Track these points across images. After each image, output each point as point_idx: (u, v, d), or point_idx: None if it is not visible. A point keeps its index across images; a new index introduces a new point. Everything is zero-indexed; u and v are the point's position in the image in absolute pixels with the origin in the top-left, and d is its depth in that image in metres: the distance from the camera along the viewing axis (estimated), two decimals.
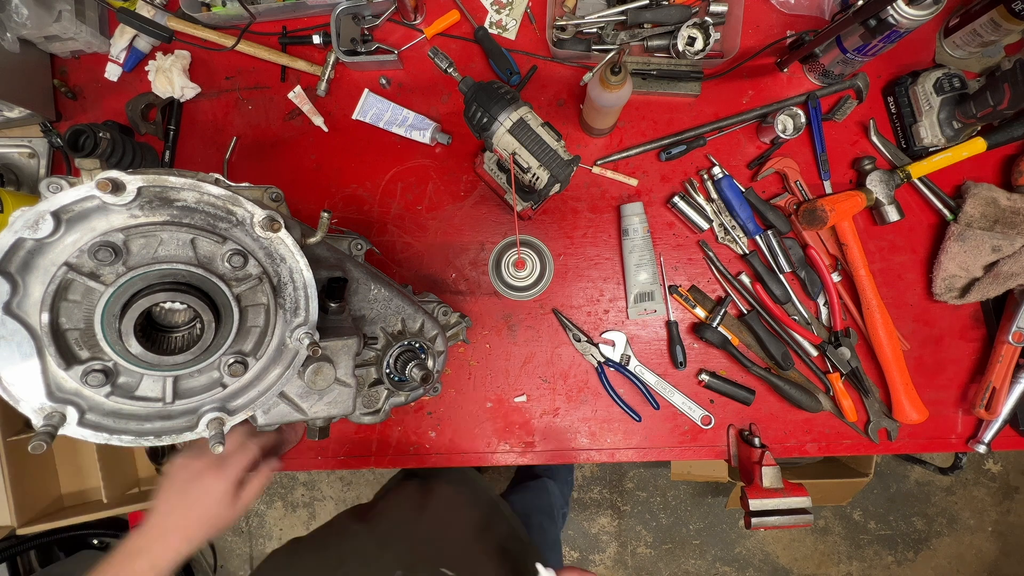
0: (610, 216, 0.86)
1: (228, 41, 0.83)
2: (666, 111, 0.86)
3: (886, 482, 1.96)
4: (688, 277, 0.86)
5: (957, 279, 0.82)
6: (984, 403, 0.82)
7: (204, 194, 0.42)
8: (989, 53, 0.82)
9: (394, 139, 0.86)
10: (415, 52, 0.86)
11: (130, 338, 0.39)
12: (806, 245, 0.83)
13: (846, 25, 0.69)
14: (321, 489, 2.01)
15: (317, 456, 0.87)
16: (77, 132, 0.69)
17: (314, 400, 0.53)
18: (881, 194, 0.81)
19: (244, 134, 0.87)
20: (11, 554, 1.67)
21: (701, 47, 0.79)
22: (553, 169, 0.64)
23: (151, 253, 0.41)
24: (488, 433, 0.86)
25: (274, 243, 0.45)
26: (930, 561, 1.96)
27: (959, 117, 0.79)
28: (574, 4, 0.83)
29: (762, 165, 0.84)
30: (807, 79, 0.85)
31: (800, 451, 0.86)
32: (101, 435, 0.42)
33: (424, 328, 0.66)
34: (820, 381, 0.85)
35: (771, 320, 0.84)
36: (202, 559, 1.97)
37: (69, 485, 1.63)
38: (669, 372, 0.86)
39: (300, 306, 0.47)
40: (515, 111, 0.63)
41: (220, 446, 0.44)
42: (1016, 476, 1.95)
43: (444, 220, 0.87)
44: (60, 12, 0.77)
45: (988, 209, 0.80)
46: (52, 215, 0.38)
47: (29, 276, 0.39)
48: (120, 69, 0.86)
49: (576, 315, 0.86)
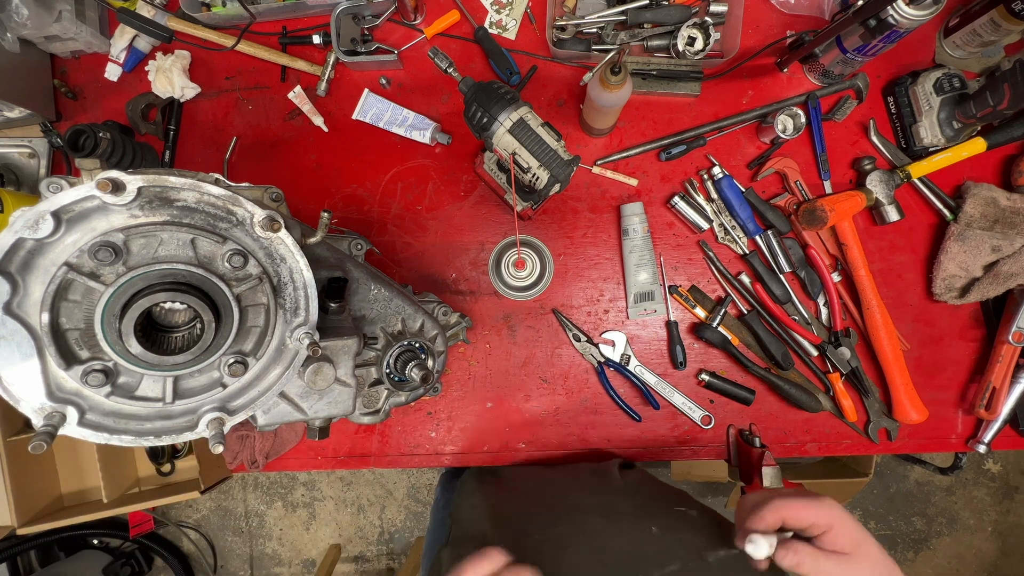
0: (610, 216, 0.86)
1: (228, 41, 0.83)
2: (666, 111, 0.86)
3: (886, 482, 1.96)
4: (688, 277, 0.86)
5: (957, 279, 0.82)
6: (984, 403, 0.82)
7: (204, 194, 0.42)
8: (989, 53, 0.82)
9: (394, 139, 0.86)
10: (415, 52, 0.86)
11: (130, 338, 0.39)
12: (806, 245, 0.83)
13: (846, 25, 0.69)
14: (321, 489, 2.01)
15: (317, 456, 0.87)
16: (77, 132, 0.69)
17: (314, 400, 0.53)
18: (881, 194, 0.81)
19: (244, 134, 0.87)
20: (11, 554, 1.68)
21: (701, 47, 0.79)
22: (553, 169, 0.64)
23: (151, 253, 0.41)
24: (488, 433, 0.86)
25: (274, 243, 0.45)
26: (930, 561, 1.96)
27: (959, 117, 0.79)
28: (574, 4, 0.83)
29: (762, 165, 0.84)
30: (807, 79, 0.85)
31: (800, 451, 0.86)
32: (101, 435, 0.42)
33: (424, 328, 0.66)
34: (820, 381, 0.85)
35: (771, 320, 0.84)
36: (202, 559, 1.97)
37: (69, 485, 1.63)
38: (669, 372, 0.86)
39: (300, 306, 0.47)
40: (515, 111, 0.63)
41: (220, 446, 0.44)
42: (1016, 476, 1.95)
43: (444, 220, 0.87)
44: (60, 12, 0.77)
45: (988, 209, 0.80)
46: (52, 215, 0.38)
47: (29, 276, 0.39)
48: (120, 69, 0.86)
49: (576, 315, 0.86)
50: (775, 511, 0.48)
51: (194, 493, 1.58)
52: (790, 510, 0.48)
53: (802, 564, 0.47)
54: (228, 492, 2.02)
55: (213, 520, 2.01)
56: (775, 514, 0.48)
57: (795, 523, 0.48)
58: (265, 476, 2.01)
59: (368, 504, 2.01)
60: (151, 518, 1.85)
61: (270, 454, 0.85)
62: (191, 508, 2.01)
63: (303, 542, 2.02)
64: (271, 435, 0.85)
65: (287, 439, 0.86)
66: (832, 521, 0.47)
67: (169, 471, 1.70)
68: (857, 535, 0.47)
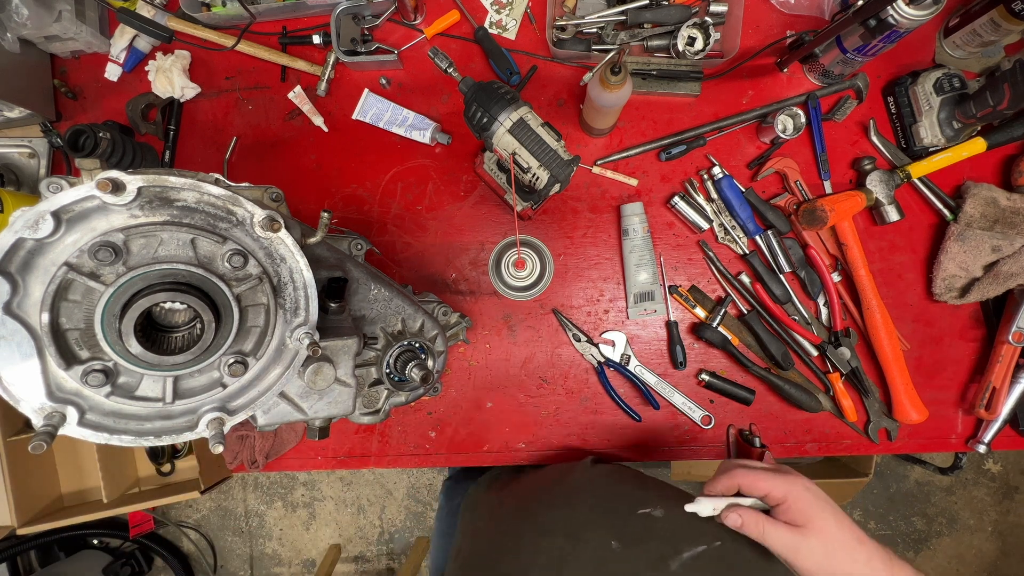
0: (610, 216, 0.86)
1: (228, 41, 0.83)
2: (666, 111, 0.86)
3: (886, 482, 1.96)
4: (688, 277, 0.86)
5: (957, 279, 0.82)
6: (984, 403, 0.82)
7: (204, 194, 0.42)
8: (989, 53, 0.82)
9: (394, 139, 0.86)
10: (415, 52, 0.86)
11: (130, 338, 0.39)
12: (806, 245, 0.83)
13: (846, 25, 0.69)
14: (321, 489, 2.01)
15: (317, 456, 0.87)
16: (77, 132, 0.69)
17: (314, 400, 0.53)
18: (881, 194, 0.81)
19: (244, 134, 0.87)
20: (11, 554, 1.68)
21: (701, 47, 0.79)
22: (553, 169, 0.64)
23: (151, 253, 0.41)
24: (488, 433, 0.86)
25: (274, 243, 0.45)
26: (930, 561, 1.96)
27: (959, 117, 0.79)
28: (574, 4, 0.83)
29: (762, 165, 0.84)
30: (807, 79, 0.85)
31: (800, 451, 0.86)
32: (101, 435, 0.42)
33: (424, 328, 0.66)
34: (820, 381, 0.85)
35: (771, 320, 0.84)
36: (202, 559, 1.97)
37: (69, 485, 1.63)
38: (669, 372, 0.86)
39: (300, 306, 0.47)
40: (515, 111, 0.63)
41: (220, 446, 0.44)
42: (1016, 476, 1.95)
43: (444, 220, 0.87)
44: (60, 12, 0.77)
45: (988, 209, 0.80)
46: (52, 215, 0.38)
47: (29, 276, 0.39)
48: (120, 69, 0.86)
49: (576, 315, 0.86)
50: (731, 478, 0.51)
51: (194, 493, 1.58)
52: (747, 479, 0.50)
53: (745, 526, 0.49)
54: (228, 492, 2.02)
55: (213, 520, 2.01)
56: (731, 480, 0.51)
57: (750, 491, 0.50)
58: (265, 476, 2.01)
59: (368, 504, 2.01)
60: (151, 518, 1.85)
61: (270, 454, 0.85)
62: (191, 508, 2.01)
63: (303, 542, 2.02)
64: (271, 435, 0.85)
65: (287, 439, 0.86)
66: (787, 494, 0.48)
67: (169, 471, 1.71)
68: (810, 510, 0.48)
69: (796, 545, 0.47)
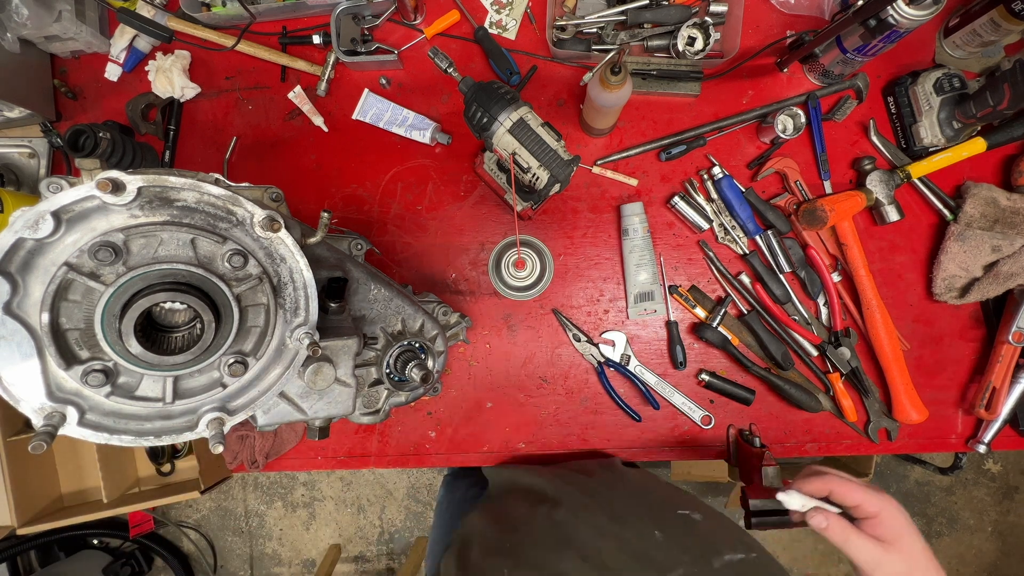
0: (610, 216, 0.86)
1: (228, 41, 0.83)
2: (666, 111, 0.86)
3: (886, 482, 1.96)
4: (688, 277, 0.86)
5: (957, 279, 0.82)
6: (984, 403, 0.82)
7: (204, 194, 0.42)
8: (989, 53, 0.82)
9: (394, 139, 0.86)
10: (415, 52, 0.86)
11: (130, 338, 0.39)
12: (806, 245, 0.83)
13: (846, 25, 0.69)
14: (321, 489, 2.01)
15: (317, 456, 0.87)
16: (77, 132, 0.69)
17: (314, 400, 0.53)
18: (881, 194, 0.81)
19: (244, 134, 0.87)
20: (11, 554, 1.68)
21: (701, 47, 0.79)
22: (553, 169, 0.64)
23: (151, 253, 0.41)
24: (488, 433, 0.86)
25: (274, 243, 0.45)
26: None
27: (959, 117, 0.79)
28: (574, 4, 0.83)
29: (762, 165, 0.84)
30: (807, 79, 0.85)
31: (800, 451, 0.86)
32: (101, 435, 0.42)
33: (424, 328, 0.66)
34: (820, 381, 0.85)
35: (771, 320, 0.84)
36: (202, 559, 1.97)
37: (69, 485, 1.63)
38: (669, 372, 0.86)
39: (300, 306, 0.47)
40: (515, 111, 0.63)
41: (220, 446, 0.44)
42: (1016, 476, 1.95)
43: (444, 220, 0.87)
44: (60, 12, 0.77)
45: (988, 209, 0.80)
46: (52, 215, 0.38)
47: (29, 276, 0.39)
48: (120, 69, 0.86)
49: (576, 315, 0.86)
50: (825, 482, 0.50)
51: (194, 493, 1.58)
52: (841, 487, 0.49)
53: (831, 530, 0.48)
54: (228, 492, 2.02)
55: (213, 520, 2.01)
56: (824, 484, 0.50)
57: (842, 499, 0.50)
58: (265, 476, 2.01)
59: (368, 504, 2.01)
60: (151, 518, 1.85)
61: (270, 454, 0.85)
62: (191, 508, 2.01)
63: (303, 542, 2.02)
64: (271, 435, 0.85)
65: (287, 439, 0.86)
66: (882, 510, 0.48)
67: (169, 471, 1.71)
68: (901, 529, 0.48)
69: (879, 559, 0.47)
